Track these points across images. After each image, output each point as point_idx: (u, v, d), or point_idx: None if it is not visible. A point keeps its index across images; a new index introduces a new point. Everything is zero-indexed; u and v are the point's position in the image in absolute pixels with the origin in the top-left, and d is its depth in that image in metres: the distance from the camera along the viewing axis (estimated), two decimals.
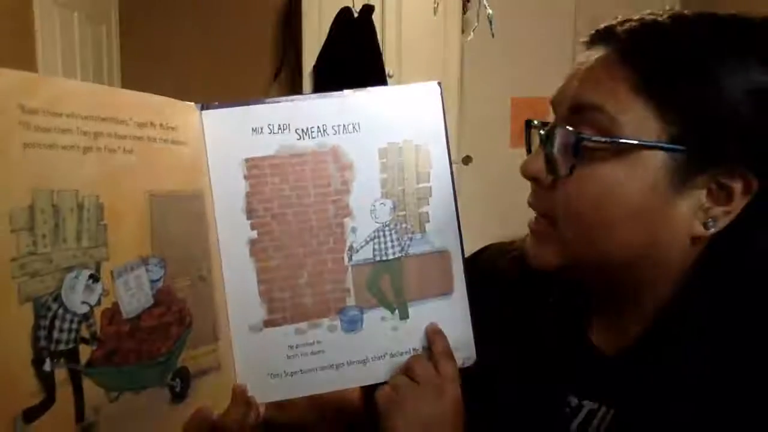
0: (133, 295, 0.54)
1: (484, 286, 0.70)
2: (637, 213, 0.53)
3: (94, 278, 0.51)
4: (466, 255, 0.77)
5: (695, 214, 0.53)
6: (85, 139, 0.52)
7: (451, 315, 0.68)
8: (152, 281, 0.56)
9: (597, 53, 0.55)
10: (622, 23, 0.56)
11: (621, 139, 0.52)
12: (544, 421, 0.60)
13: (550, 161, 0.56)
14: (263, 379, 0.64)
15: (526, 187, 0.63)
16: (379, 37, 3.20)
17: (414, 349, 0.67)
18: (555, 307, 0.64)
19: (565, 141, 0.55)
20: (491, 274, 0.73)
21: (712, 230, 0.53)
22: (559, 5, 3.59)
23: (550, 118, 0.61)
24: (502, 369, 0.65)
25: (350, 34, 3.13)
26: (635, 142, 0.52)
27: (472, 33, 2.92)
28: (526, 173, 0.59)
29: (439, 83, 0.69)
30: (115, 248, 0.53)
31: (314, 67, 3.22)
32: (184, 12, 3.45)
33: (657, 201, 0.53)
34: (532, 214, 0.64)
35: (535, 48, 3.51)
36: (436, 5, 3.16)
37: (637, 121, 0.52)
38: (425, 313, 0.68)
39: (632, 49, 0.53)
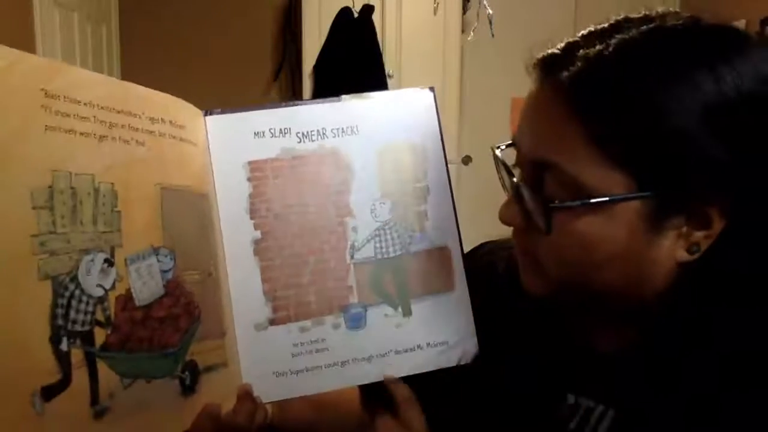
0: (145, 284, 0.55)
1: (480, 282, 0.71)
2: (619, 257, 0.53)
3: (109, 262, 0.52)
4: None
5: (677, 243, 0.53)
6: (101, 128, 0.53)
7: (453, 310, 0.69)
8: (163, 271, 0.57)
9: (545, 95, 0.54)
10: (568, 57, 0.53)
11: (591, 198, 0.51)
12: (542, 418, 0.60)
13: (525, 214, 0.57)
14: (268, 378, 0.64)
15: None
16: (379, 37, 3.21)
17: (418, 346, 0.68)
18: (553, 308, 0.64)
19: (536, 201, 0.54)
20: (487, 271, 0.73)
21: (696, 254, 0.53)
22: (559, 5, 3.59)
23: None
24: (499, 366, 0.65)
25: (350, 34, 3.14)
26: (605, 198, 0.51)
27: (472, 33, 2.92)
28: (503, 221, 0.59)
29: (432, 88, 0.71)
30: (129, 235, 0.54)
31: (314, 67, 3.23)
32: (184, 12, 3.45)
33: (638, 244, 0.53)
34: None
35: (535, 48, 3.50)
36: (436, 5, 3.16)
37: (600, 176, 0.51)
38: (428, 309, 0.68)
39: (580, 102, 0.51)
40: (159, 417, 0.56)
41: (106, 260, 0.52)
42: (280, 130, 0.67)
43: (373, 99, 0.69)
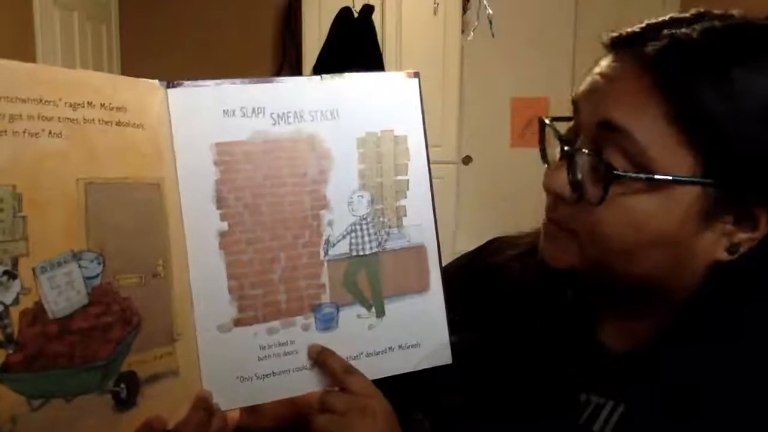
0: (61, 293, 0.50)
1: (489, 278, 0.69)
2: (664, 242, 0.52)
3: (10, 275, 0.47)
4: (465, 253, 0.76)
5: (719, 240, 0.52)
6: None
7: (427, 312, 0.66)
8: (87, 278, 0.52)
9: (624, 66, 0.53)
10: (651, 34, 0.52)
11: (656, 174, 0.50)
12: (553, 415, 0.59)
13: (576, 183, 0.54)
14: (232, 383, 0.60)
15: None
16: (379, 37, 3.20)
17: (389, 348, 0.65)
18: (565, 304, 0.63)
19: (593, 168, 0.53)
20: (497, 267, 0.71)
21: (735, 256, 0.53)
22: (559, 5, 3.57)
23: (555, 112, 0.59)
24: (507, 363, 0.63)
25: (350, 34, 3.13)
26: (670, 177, 0.50)
27: (472, 33, 2.91)
28: (550, 189, 0.56)
29: (416, 74, 0.66)
30: (38, 242, 0.49)
31: (314, 67, 3.22)
32: (184, 12, 3.46)
33: (685, 232, 0.52)
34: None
35: (535, 48, 3.50)
36: (436, 5, 3.15)
37: (670, 154, 0.50)
38: (402, 310, 0.65)
39: (665, 76, 0.50)
40: None
41: (5, 272, 0.47)
42: (253, 109, 0.60)
43: (355, 81, 0.64)
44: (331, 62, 3.14)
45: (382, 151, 0.64)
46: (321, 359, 0.62)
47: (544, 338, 0.63)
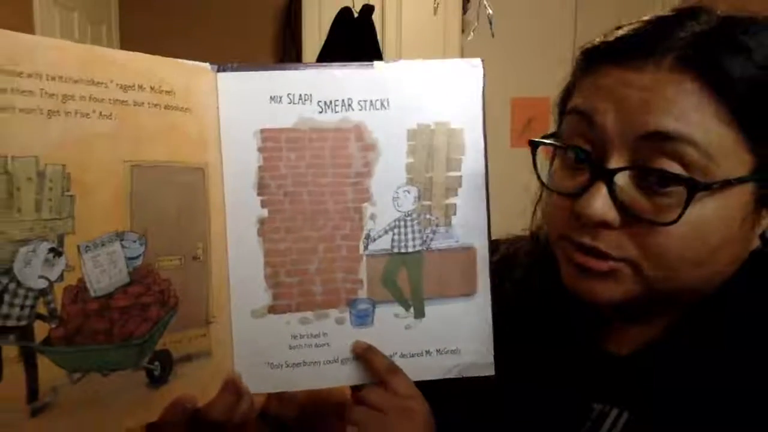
0: (104, 272, 0.51)
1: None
2: (730, 243, 0.51)
3: (56, 252, 0.48)
4: None
5: (757, 230, 0.53)
6: (50, 102, 0.48)
7: (471, 318, 0.63)
8: (129, 258, 0.52)
9: (655, 71, 0.49)
10: (660, 36, 0.50)
11: (728, 177, 0.48)
12: (557, 424, 0.58)
13: (626, 205, 0.51)
14: (261, 368, 0.60)
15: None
16: (379, 37, 3.21)
17: (426, 352, 0.63)
18: (565, 313, 0.61)
19: (654, 183, 0.50)
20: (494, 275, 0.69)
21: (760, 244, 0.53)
22: (559, 5, 3.59)
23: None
24: (510, 373, 0.62)
25: (350, 34, 3.13)
26: (737, 177, 0.49)
27: (472, 33, 2.92)
28: (596, 219, 0.51)
29: (482, 61, 0.62)
30: (84, 221, 0.50)
31: None
32: (184, 12, 3.46)
33: (746, 228, 0.51)
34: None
35: (535, 48, 3.51)
36: (436, 5, 3.16)
37: (731, 155, 0.48)
38: (443, 313, 0.63)
39: (713, 73, 0.48)
40: (119, 410, 0.52)
41: (51, 249, 0.48)
42: (300, 96, 0.59)
43: (411, 69, 0.61)
44: (330, 62, 3.14)
45: (434, 144, 0.61)
46: (366, 357, 0.61)
47: (546, 347, 0.61)
